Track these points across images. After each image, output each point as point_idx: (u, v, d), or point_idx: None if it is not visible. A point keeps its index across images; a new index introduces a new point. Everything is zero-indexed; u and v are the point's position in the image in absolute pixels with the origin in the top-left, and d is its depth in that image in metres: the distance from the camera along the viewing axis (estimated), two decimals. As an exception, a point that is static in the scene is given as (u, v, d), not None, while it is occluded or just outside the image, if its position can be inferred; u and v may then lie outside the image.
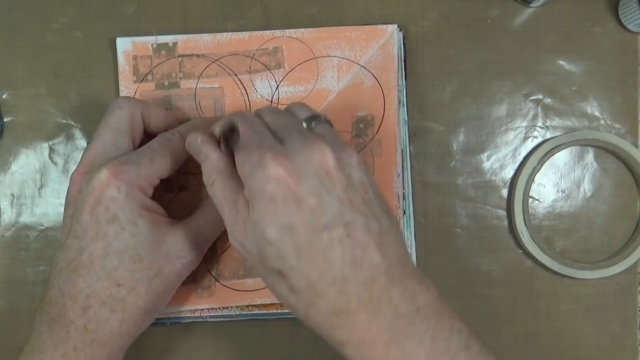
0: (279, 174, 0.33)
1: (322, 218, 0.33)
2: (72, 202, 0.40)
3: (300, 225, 0.33)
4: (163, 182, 0.42)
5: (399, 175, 0.46)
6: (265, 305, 0.47)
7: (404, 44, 0.48)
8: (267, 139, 0.36)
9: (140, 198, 0.40)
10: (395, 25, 0.47)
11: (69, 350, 0.38)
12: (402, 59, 0.47)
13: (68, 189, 0.41)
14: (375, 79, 0.47)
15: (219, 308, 0.47)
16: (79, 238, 0.39)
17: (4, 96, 0.48)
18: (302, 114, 0.39)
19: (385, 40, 0.47)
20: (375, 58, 0.47)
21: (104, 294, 0.39)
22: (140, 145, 0.42)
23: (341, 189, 0.34)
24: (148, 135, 0.44)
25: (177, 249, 0.41)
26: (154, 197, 0.41)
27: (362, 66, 0.47)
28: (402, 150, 0.47)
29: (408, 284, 0.34)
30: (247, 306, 0.47)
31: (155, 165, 0.40)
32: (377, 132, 0.47)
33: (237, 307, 0.47)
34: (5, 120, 0.48)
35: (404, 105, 0.47)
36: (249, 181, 0.34)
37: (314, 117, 0.38)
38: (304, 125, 0.38)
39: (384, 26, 0.48)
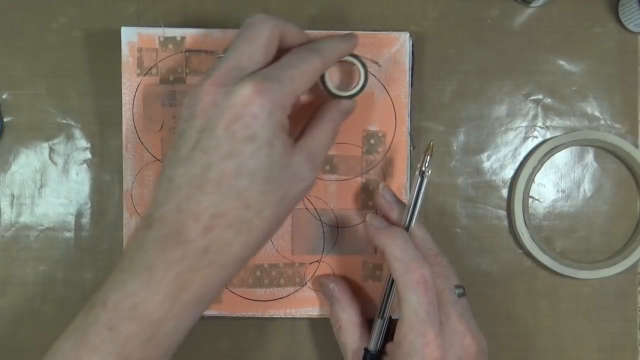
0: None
1: None
2: (201, 114, 0.37)
3: None
4: None
5: (405, 189, 0.47)
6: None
7: (412, 52, 0.47)
8: (433, 307, 0.40)
9: (281, 118, 0.37)
10: (407, 34, 0.47)
11: (184, 270, 0.36)
12: (411, 68, 0.47)
13: (195, 99, 0.38)
14: (386, 91, 0.47)
15: (229, 314, 0.47)
16: (208, 154, 0.36)
17: (4, 96, 0.48)
18: (452, 274, 0.43)
19: (396, 48, 0.47)
20: (387, 67, 0.47)
21: (231, 214, 0.36)
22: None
23: None
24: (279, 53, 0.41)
25: (301, 170, 0.39)
26: None
27: (372, 74, 0.47)
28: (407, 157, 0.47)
29: None
30: None
31: (296, 82, 0.38)
32: (387, 151, 0.47)
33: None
34: (5, 120, 0.48)
35: (408, 116, 0.47)
36: (410, 350, 0.39)
37: (463, 288, 0.42)
38: (455, 291, 0.42)
39: (396, 34, 0.47)
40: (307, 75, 0.39)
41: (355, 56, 0.44)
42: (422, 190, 0.42)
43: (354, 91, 0.44)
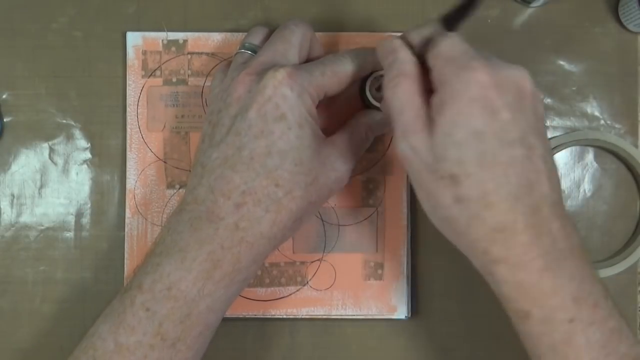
0: (485, 80, 0.34)
1: (511, 133, 0.34)
2: (236, 102, 0.39)
3: (490, 135, 0.33)
4: None
5: (406, 187, 0.47)
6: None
7: None
8: (470, 49, 0.36)
9: (309, 103, 0.39)
10: None
11: (215, 248, 0.38)
12: None
13: (229, 89, 0.40)
14: None
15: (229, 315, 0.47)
16: (241, 135, 0.38)
17: (4, 96, 0.48)
18: None
19: None
20: None
21: (261, 192, 0.38)
22: None
23: (531, 112, 0.35)
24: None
25: (332, 160, 0.40)
26: None
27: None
28: None
29: (566, 222, 0.35)
30: None
31: (326, 79, 0.40)
32: (387, 149, 0.47)
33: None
34: (5, 120, 0.48)
35: None
36: (452, 81, 0.34)
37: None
38: None
39: (394, 34, 0.47)
40: (337, 75, 0.41)
41: None
42: None
43: None
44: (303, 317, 0.47)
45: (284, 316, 0.47)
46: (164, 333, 0.37)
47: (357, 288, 0.47)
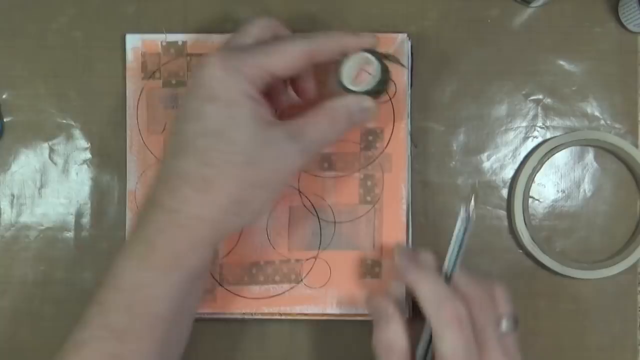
0: None
1: None
2: (185, 93, 0.41)
3: None
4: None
5: (405, 185, 0.47)
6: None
7: (411, 52, 0.48)
8: (470, 345, 0.38)
9: (244, 84, 0.38)
10: (405, 35, 0.47)
11: (150, 232, 0.38)
12: (410, 69, 0.47)
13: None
14: (385, 91, 0.47)
15: (222, 313, 0.47)
16: (179, 120, 0.39)
17: (4, 96, 0.48)
18: (503, 307, 0.41)
19: (394, 50, 0.47)
20: None
21: (193, 173, 0.37)
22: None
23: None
24: None
25: (279, 144, 0.39)
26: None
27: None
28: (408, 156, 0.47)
29: None
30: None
31: (270, 58, 0.39)
32: (386, 146, 0.47)
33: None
34: (5, 120, 0.48)
35: (409, 116, 0.47)
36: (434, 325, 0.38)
37: (514, 321, 0.40)
38: (502, 325, 0.40)
39: (394, 35, 0.47)
40: (285, 53, 0.40)
41: (373, 52, 0.42)
42: (465, 238, 0.42)
43: (367, 87, 0.41)
44: (298, 314, 0.47)
45: (277, 313, 0.47)
46: (113, 325, 0.38)
47: (353, 286, 0.47)
